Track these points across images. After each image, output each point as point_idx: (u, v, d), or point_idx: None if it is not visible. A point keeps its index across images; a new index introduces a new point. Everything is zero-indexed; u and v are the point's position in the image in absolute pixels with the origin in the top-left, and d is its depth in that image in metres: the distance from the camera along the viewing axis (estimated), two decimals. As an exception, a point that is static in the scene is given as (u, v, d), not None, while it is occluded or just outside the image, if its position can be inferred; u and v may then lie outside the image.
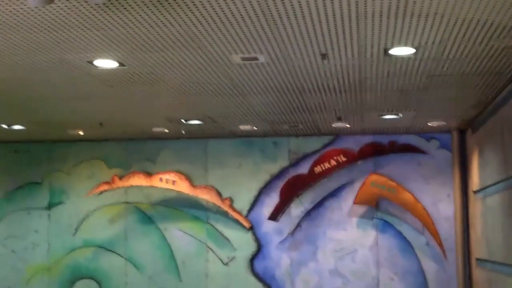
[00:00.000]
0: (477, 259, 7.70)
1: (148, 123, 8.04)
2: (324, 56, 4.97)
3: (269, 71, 5.48)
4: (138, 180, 8.99)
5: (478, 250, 7.64)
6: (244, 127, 8.19)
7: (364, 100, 6.53)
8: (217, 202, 8.83)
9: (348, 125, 8.03)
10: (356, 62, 5.20)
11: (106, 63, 5.26)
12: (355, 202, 8.48)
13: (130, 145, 9.25)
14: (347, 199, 8.62)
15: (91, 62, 5.24)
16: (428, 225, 8.28)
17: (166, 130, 8.42)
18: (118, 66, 5.32)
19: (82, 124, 8.12)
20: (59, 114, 7.46)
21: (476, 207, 7.72)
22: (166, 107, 7.07)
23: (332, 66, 5.31)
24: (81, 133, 8.62)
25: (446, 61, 5.13)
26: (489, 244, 6.92)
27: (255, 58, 5.11)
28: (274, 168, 8.85)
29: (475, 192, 7.76)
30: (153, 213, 9.08)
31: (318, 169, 8.57)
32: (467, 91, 6.18)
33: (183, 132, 8.25)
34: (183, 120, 7.79)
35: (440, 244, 8.25)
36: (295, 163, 8.80)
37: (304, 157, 8.78)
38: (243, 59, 5.13)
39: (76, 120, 7.86)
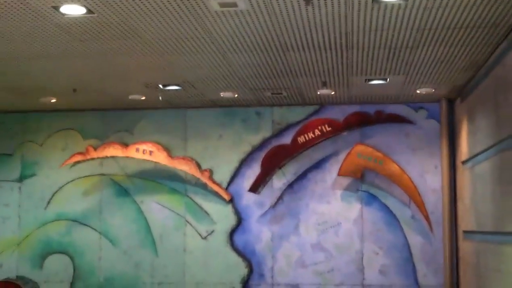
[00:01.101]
0: (465, 232, 7.42)
1: (125, 89, 7.65)
2: (307, 1, 4.62)
3: (249, 21, 5.11)
4: (114, 151, 8.59)
5: (465, 223, 7.36)
6: (225, 94, 7.83)
7: (350, 59, 6.19)
8: (196, 173, 8.47)
9: (333, 92, 7.70)
10: (342, 11, 4.85)
11: (73, 9, 4.86)
12: (339, 174, 8.16)
13: (106, 115, 8.85)
14: (332, 171, 8.29)
15: (56, 8, 4.84)
16: (415, 198, 7.98)
17: (143, 97, 8.03)
18: (87, 13, 4.92)
19: (55, 91, 7.71)
20: (28, 78, 7.03)
21: (465, 178, 7.43)
22: (143, 70, 6.69)
23: (317, 16, 4.95)
24: (54, 100, 8.20)
25: (438, 9, 4.80)
26: (478, 214, 6.64)
27: (234, 4, 4.74)
28: (256, 139, 8.50)
29: (464, 162, 7.48)
30: (129, 185, 8.70)
31: (301, 139, 8.23)
32: (459, 50, 5.86)
33: (161, 98, 7.86)
34: (160, 86, 7.41)
35: (427, 217, 7.96)
36: (278, 134, 8.45)
37: (288, 127, 8.44)
38: (221, 5, 4.75)
39: (48, 85, 7.44)
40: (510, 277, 5.41)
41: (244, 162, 8.48)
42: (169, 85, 7.38)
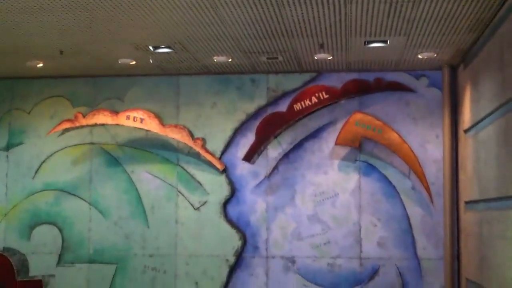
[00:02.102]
0: (466, 203, 7.14)
1: (114, 52, 7.33)
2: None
3: (242, -32, 4.79)
4: (104, 118, 8.29)
5: (467, 193, 7.08)
6: (219, 59, 7.52)
7: (348, 16, 5.86)
8: (189, 142, 8.17)
9: (330, 57, 7.38)
10: (341, -44, 4.53)
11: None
12: (337, 143, 7.86)
13: (96, 82, 8.54)
14: (329, 141, 8.00)
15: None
16: (415, 168, 7.69)
17: (133, 62, 7.72)
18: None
19: (41, 53, 7.39)
20: (10, 36, 6.71)
21: (467, 147, 7.14)
22: (132, 28, 6.36)
23: (313, -38, 4.63)
24: (41, 65, 7.89)
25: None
26: (481, 182, 6.36)
27: None
28: (251, 107, 8.20)
29: (466, 131, 7.18)
30: (120, 154, 8.41)
31: (297, 106, 7.93)
32: (463, 6, 5.54)
33: (151, 61, 7.54)
34: (151, 48, 7.09)
35: (427, 188, 7.68)
36: (273, 102, 8.15)
37: (284, 95, 8.13)
38: None
39: (33, 47, 7.12)
40: (515, 243, 5.14)
41: (238, 131, 8.18)
42: (159, 47, 7.06)
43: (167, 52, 7.25)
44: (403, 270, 7.69)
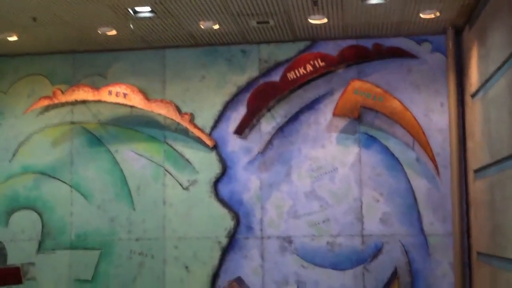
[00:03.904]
0: (475, 171, 6.61)
1: (91, 19, 6.79)
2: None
3: None
4: (84, 94, 7.75)
5: (476, 160, 6.54)
6: (206, 24, 6.99)
7: (344, -40, 5.36)
8: (176, 118, 7.63)
9: (326, 20, 6.86)
10: None
11: None
12: (334, 113, 7.32)
13: (76, 58, 8.00)
14: (326, 112, 7.46)
15: None
16: (419, 138, 7.16)
17: (113, 32, 7.19)
18: None
19: (12, 22, 6.85)
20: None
21: (475, 112, 6.61)
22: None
23: None
24: (15, 38, 7.35)
25: None
26: (492, 143, 5.82)
27: None
28: (242, 79, 7.66)
29: (473, 95, 6.66)
30: (103, 133, 7.86)
31: (291, 75, 7.40)
32: None
33: (132, 27, 7.00)
34: (130, 10, 6.56)
35: (433, 159, 7.14)
36: (266, 73, 7.62)
37: (277, 66, 7.61)
38: None
39: (3, 14, 6.59)
40: (535, 201, 4.60)
41: (229, 105, 7.64)
42: (140, 9, 6.53)
43: (149, 18, 6.72)
44: (409, 247, 7.14)
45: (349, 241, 7.26)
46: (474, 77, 6.62)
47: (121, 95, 7.68)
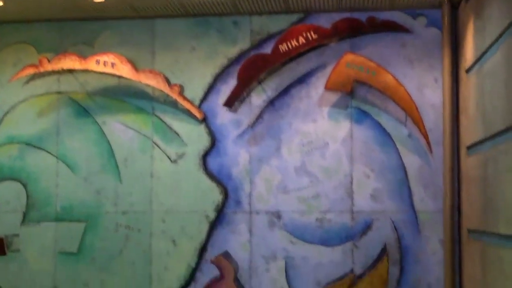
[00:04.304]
0: (468, 148, 6.51)
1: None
2: None
3: None
4: (71, 63, 7.57)
5: (469, 136, 6.44)
6: (196, -7, 6.83)
7: None
8: (165, 89, 7.47)
9: (320, -10, 6.72)
10: None
11: None
12: (326, 87, 7.19)
13: (63, 26, 7.80)
14: (318, 86, 7.32)
15: None
16: (412, 113, 7.04)
17: (103, -2, 7.02)
18: None
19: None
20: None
21: (469, 87, 6.50)
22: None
23: None
24: (0, 3, 7.15)
25: None
26: (486, 118, 5.72)
27: None
28: (233, 51, 7.50)
29: (468, 70, 6.54)
30: (90, 104, 7.69)
31: (283, 47, 7.24)
32: None
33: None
34: (119, -24, 6.39)
35: (425, 135, 7.03)
36: (257, 45, 7.46)
37: (269, 38, 7.44)
38: None
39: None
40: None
41: (219, 77, 7.49)
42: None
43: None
44: (399, 223, 7.06)
45: (339, 217, 7.16)
46: (469, 52, 6.50)
47: (109, 65, 7.51)
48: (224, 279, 7.19)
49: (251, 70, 7.31)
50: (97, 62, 7.51)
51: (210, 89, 7.48)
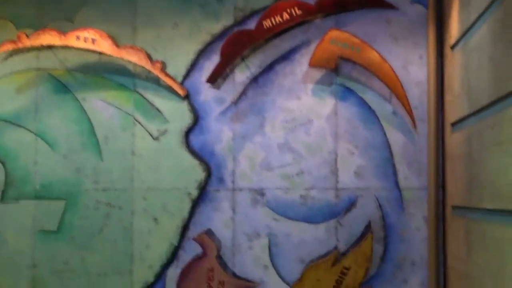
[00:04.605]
0: (453, 124, 6.47)
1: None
2: None
3: None
4: (50, 39, 7.41)
5: (454, 113, 6.40)
6: (178, -34, 6.70)
7: None
8: (147, 65, 7.34)
9: (304, -36, 6.61)
10: None
11: None
12: (311, 63, 7.10)
13: (43, 1, 7.64)
14: (302, 63, 7.24)
15: None
16: (397, 91, 6.99)
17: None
18: None
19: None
20: None
21: (454, 64, 6.45)
22: None
23: None
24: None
25: None
26: (472, 92, 5.68)
27: None
28: (217, 27, 7.38)
29: (453, 46, 6.49)
30: (70, 80, 7.54)
31: (267, 23, 7.14)
32: None
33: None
34: None
35: (410, 112, 6.98)
36: (241, 22, 7.34)
37: (252, 14, 7.33)
38: None
39: None
40: (511, 146, 4.47)
41: (202, 54, 7.37)
42: None
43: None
44: (383, 201, 7.02)
45: (323, 195, 7.11)
46: (454, 29, 6.45)
47: (90, 40, 7.36)
48: (206, 257, 7.11)
49: (234, 47, 7.20)
50: (77, 38, 7.36)
51: (193, 66, 7.36)
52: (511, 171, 4.37)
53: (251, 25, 7.26)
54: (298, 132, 7.19)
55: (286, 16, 7.11)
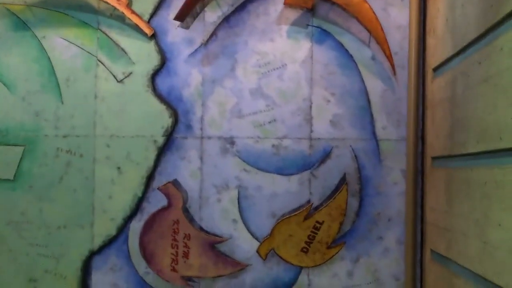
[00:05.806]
0: (434, 69, 6.07)
1: None
2: None
3: None
4: (7, -30, 6.86)
5: (436, 57, 6.00)
6: None
7: None
8: (111, 2, 6.81)
9: None
10: None
11: None
12: (285, 2, 6.63)
13: None
14: (276, 2, 6.76)
15: None
16: (376, 34, 6.55)
17: None
18: None
19: None
20: None
21: (438, 2, 6.02)
22: None
23: None
24: None
25: None
26: (457, 31, 5.27)
27: None
28: (187, -37, 6.86)
29: (439, -13, 6.05)
30: (29, 17, 7.00)
31: (241, -42, 6.64)
32: None
33: None
34: None
35: (390, 58, 6.56)
36: (213, -43, 6.84)
37: (225, -50, 6.83)
38: None
39: None
40: (501, 78, 4.07)
41: (171, -9, 6.88)
42: None
43: None
44: (359, 152, 6.64)
45: (296, 144, 6.71)
46: (440, -33, 6.01)
47: (49, -27, 6.82)
48: (172, 207, 6.70)
49: (205, -18, 6.71)
50: (36, -31, 6.81)
51: (161, 3, 6.86)
52: (500, 106, 3.99)
53: (224, -39, 6.78)
54: (271, 77, 6.74)
55: (261, -49, 6.61)
